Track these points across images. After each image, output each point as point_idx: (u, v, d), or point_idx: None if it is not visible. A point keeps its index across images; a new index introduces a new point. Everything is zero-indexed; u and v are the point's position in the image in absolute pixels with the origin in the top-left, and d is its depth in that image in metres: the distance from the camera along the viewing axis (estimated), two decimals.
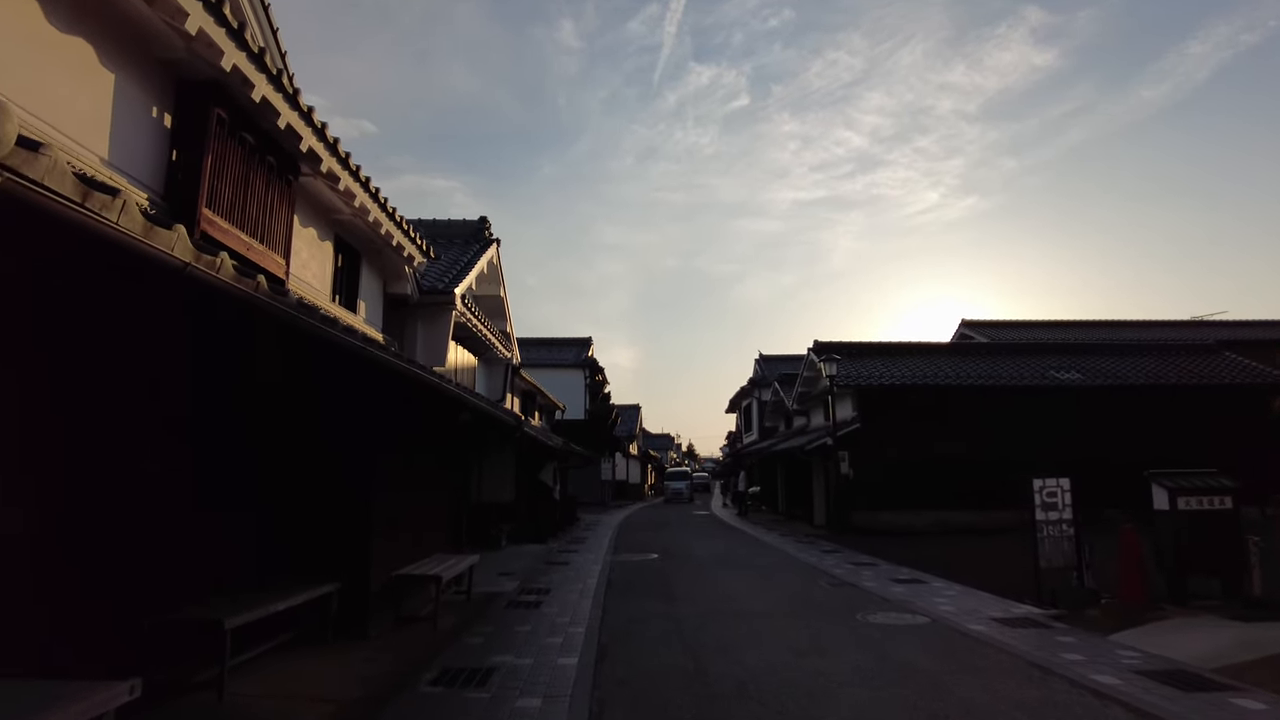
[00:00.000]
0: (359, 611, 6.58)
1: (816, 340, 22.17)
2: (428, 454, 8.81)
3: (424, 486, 8.59)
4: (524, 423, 10.80)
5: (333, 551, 6.56)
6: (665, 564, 12.62)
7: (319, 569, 6.42)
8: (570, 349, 38.32)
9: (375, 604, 6.77)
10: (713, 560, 13.14)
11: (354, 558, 6.62)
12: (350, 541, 6.62)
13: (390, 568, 7.16)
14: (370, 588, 6.66)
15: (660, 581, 10.49)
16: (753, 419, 38.63)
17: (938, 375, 19.99)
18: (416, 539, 8.18)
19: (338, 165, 6.87)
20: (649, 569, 11.94)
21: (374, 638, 6.60)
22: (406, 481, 7.82)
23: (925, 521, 18.79)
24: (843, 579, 10.63)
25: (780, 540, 17.18)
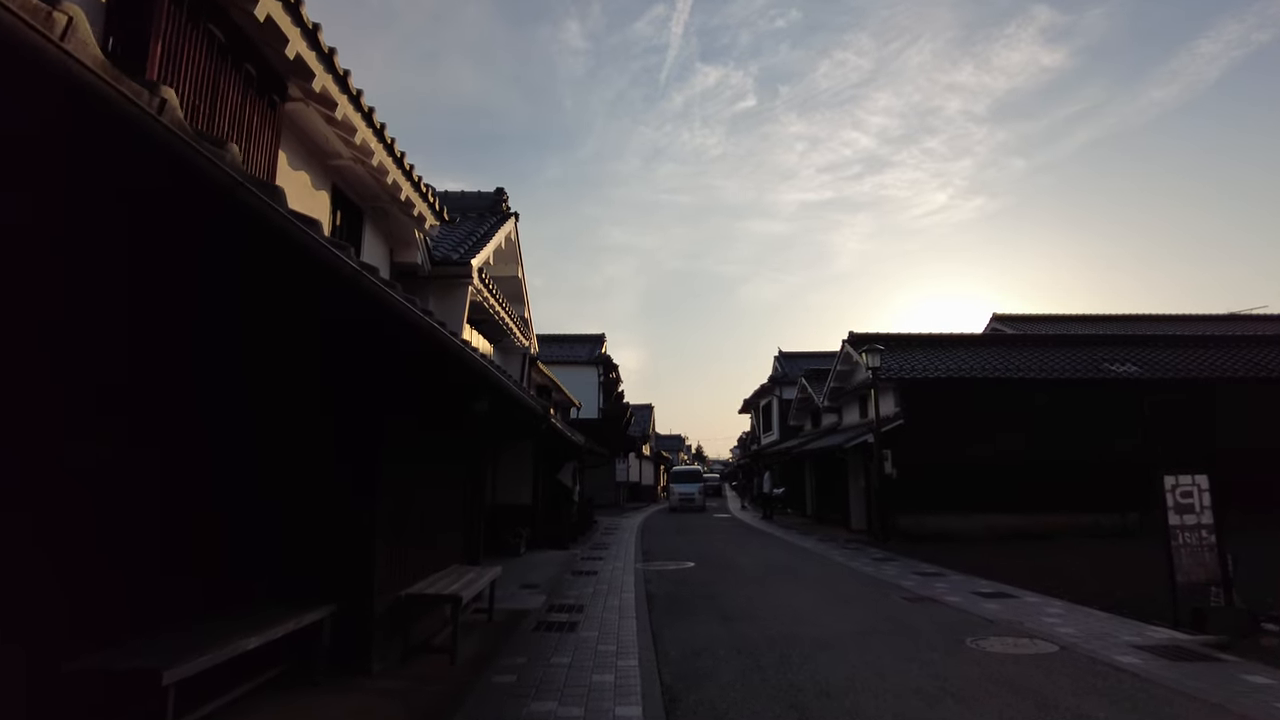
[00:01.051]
0: (360, 642, 5.22)
1: (852, 332, 20.75)
2: (441, 446, 7.46)
3: (437, 485, 7.24)
4: (550, 413, 9.48)
5: (325, 565, 5.21)
6: (705, 574, 11.22)
7: (308, 588, 5.08)
8: (583, 345, 36.98)
9: (380, 631, 5.41)
10: (758, 569, 11.73)
11: (353, 573, 5.27)
12: (348, 553, 5.27)
13: (398, 585, 5.80)
14: (374, 611, 5.30)
15: (706, 596, 9.10)
16: (772, 418, 37.18)
17: (984, 368, 18.54)
18: (428, 548, 6.82)
19: (333, 83, 5.52)
20: (690, 580, 10.55)
21: (378, 674, 5.23)
22: (417, 478, 6.47)
23: (973, 526, 17.36)
24: (916, 592, 9.22)
25: (821, 546, 15.75)
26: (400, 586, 5.85)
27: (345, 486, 5.25)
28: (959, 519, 17.42)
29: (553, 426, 10.26)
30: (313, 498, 5.23)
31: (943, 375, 18.14)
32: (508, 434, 11.89)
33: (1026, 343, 20.16)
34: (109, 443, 3.84)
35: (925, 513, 17.30)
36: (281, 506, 5.19)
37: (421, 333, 4.01)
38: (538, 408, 8.42)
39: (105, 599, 3.73)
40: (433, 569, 6.95)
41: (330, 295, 3.44)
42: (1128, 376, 18.50)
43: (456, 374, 5.59)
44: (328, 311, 4.03)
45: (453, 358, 4.81)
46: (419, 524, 6.52)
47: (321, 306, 3.87)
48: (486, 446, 10.12)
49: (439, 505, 7.38)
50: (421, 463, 6.68)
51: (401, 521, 5.98)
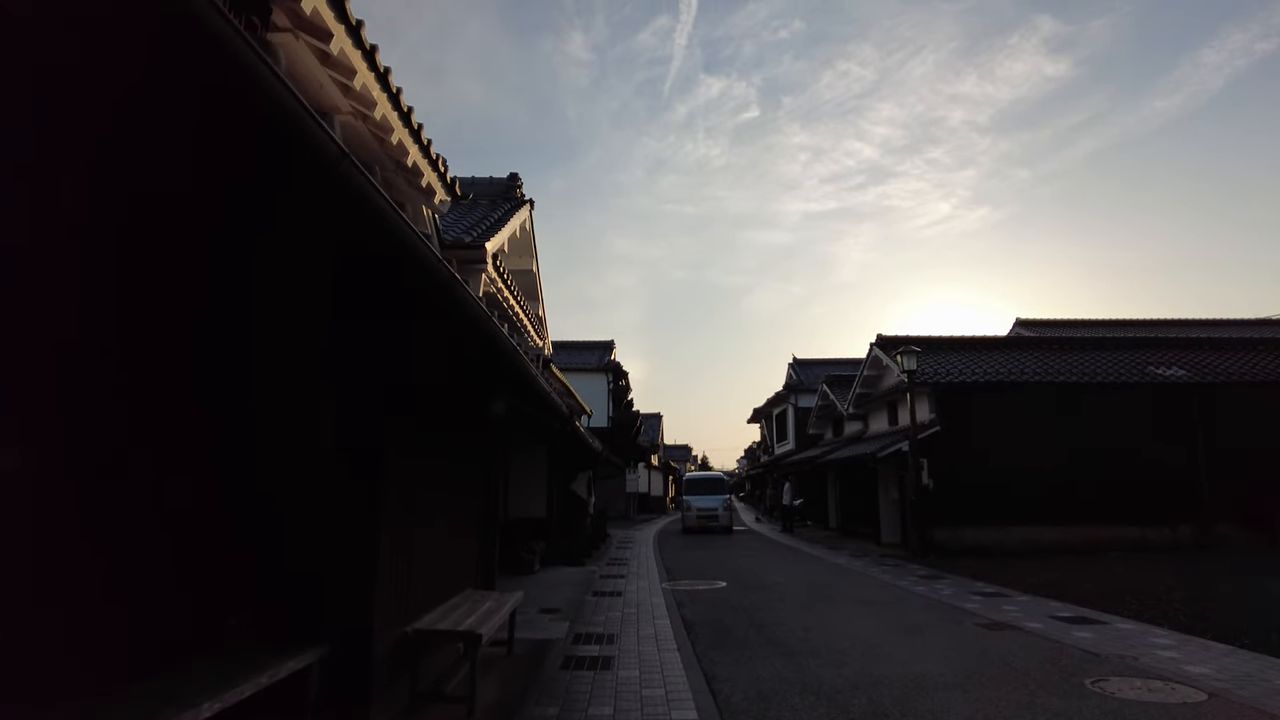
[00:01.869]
0: (356, 692, 4.17)
1: (881, 334, 19.72)
2: (454, 450, 6.44)
3: (449, 495, 6.21)
4: (575, 415, 8.46)
5: (315, 595, 4.17)
6: (742, 595, 10.13)
7: (294, 624, 4.04)
8: (592, 352, 35.95)
9: (381, 677, 4.36)
10: (799, 590, 10.64)
11: (350, 604, 4.23)
12: (344, 578, 4.23)
13: (403, 617, 4.76)
14: (374, 653, 4.25)
15: (753, 623, 8.02)
16: (788, 427, 36.08)
17: (1022, 372, 17.48)
18: (438, 570, 5.78)
19: (326, 5, 4.53)
20: (727, 603, 9.46)
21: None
22: (427, 488, 5.44)
23: (1012, 540, 16.25)
24: (988, 617, 8.13)
25: (858, 563, 14.63)
26: (406, 619, 4.81)
27: (342, 497, 4.22)
28: (998, 532, 16.32)
29: (576, 431, 9.23)
30: (304, 512, 4.20)
31: (980, 379, 17.07)
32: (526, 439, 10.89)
33: (1066, 346, 19.09)
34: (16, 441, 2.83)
35: (962, 525, 16.20)
36: (262, 520, 4.16)
37: (439, 281, 3.00)
38: (563, 408, 7.41)
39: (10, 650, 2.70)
40: (443, 595, 5.91)
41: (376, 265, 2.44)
42: (1176, 380, 17.42)
43: (481, 355, 4.58)
44: (371, 299, 3.02)
45: (481, 331, 3.80)
46: (429, 542, 5.49)
47: (369, 292, 2.87)
48: (502, 453, 9.09)
49: (451, 520, 6.34)
50: (433, 470, 5.66)
51: (409, 540, 4.94)
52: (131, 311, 3.49)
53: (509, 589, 9.76)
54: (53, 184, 2.81)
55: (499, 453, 8.23)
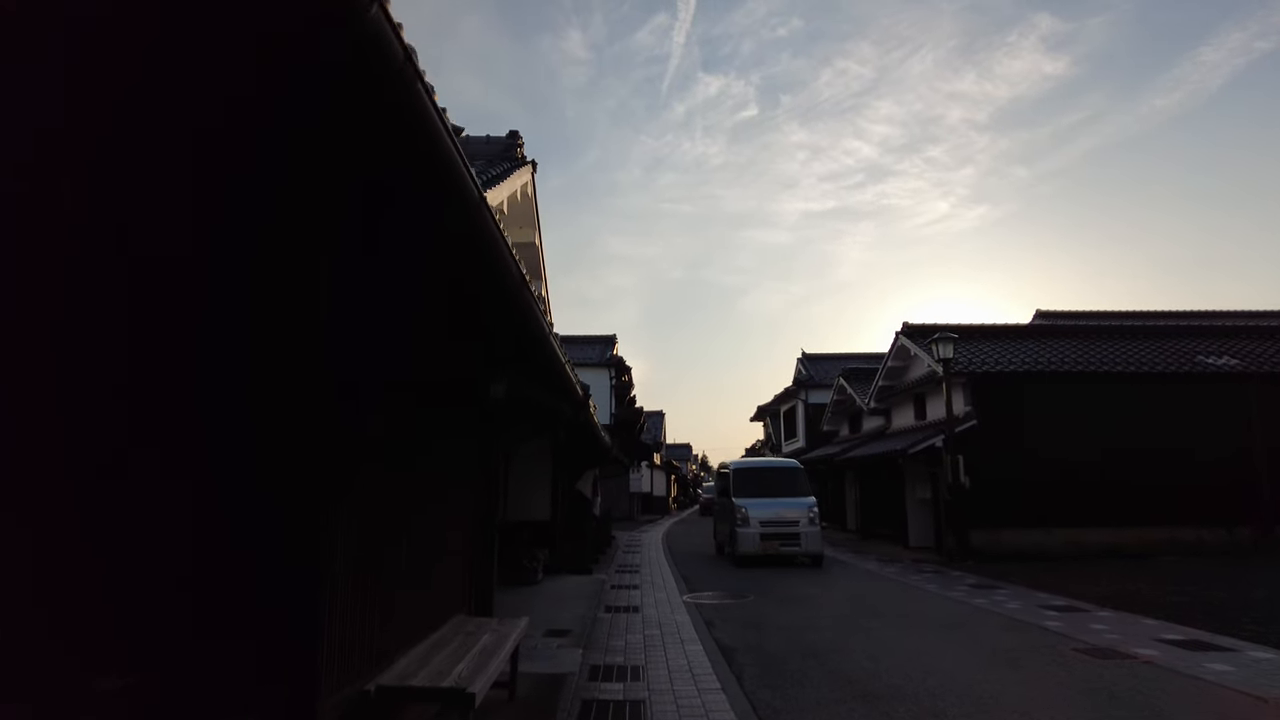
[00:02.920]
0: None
1: (907, 323, 18.39)
2: (443, 441, 5.10)
3: (434, 498, 4.87)
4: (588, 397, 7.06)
5: (235, 638, 2.81)
6: (779, 612, 8.78)
7: (204, 680, 2.69)
8: (594, 347, 34.56)
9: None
10: (841, 604, 9.28)
11: (284, 659, 2.87)
12: (276, 620, 2.87)
13: (367, 667, 3.40)
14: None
15: (805, 649, 6.67)
16: (797, 424, 34.73)
17: (1062, 361, 16.17)
18: (419, 597, 4.43)
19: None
20: (765, 623, 8.11)
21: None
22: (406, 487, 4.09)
23: (1056, 542, 14.95)
24: (1085, 641, 6.80)
25: (891, 569, 13.29)
26: (371, 668, 3.45)
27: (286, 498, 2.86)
28: (1039, 534, 15.01)
29: (589, 419, 7.86)
30: (218, 514, 2.85)
31: (1019, 369, 15.75)
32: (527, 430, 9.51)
33: (1106, 334, 17.76)
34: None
35: (1000, 527, 14.88)
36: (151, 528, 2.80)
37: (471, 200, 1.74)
38: (578, 387, 6.06)
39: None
40: (426, 627, 4.55)
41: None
42: (1228, 370, 16.11)
43: (491, 293, 3.29)
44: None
45: (495, 257, 2.49)
46: (407, 561, 4.14)
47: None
48: (501, 446, 7.71)
49: (438, 530, 4.99)
50: (413, 468, 4.31)
51: (375, 561, 3.58)
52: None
53: (509, 605, 8.39)
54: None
55: (499, 445, 6.87)
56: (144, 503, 2.79)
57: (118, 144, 2.62)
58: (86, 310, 2.82)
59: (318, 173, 2.78)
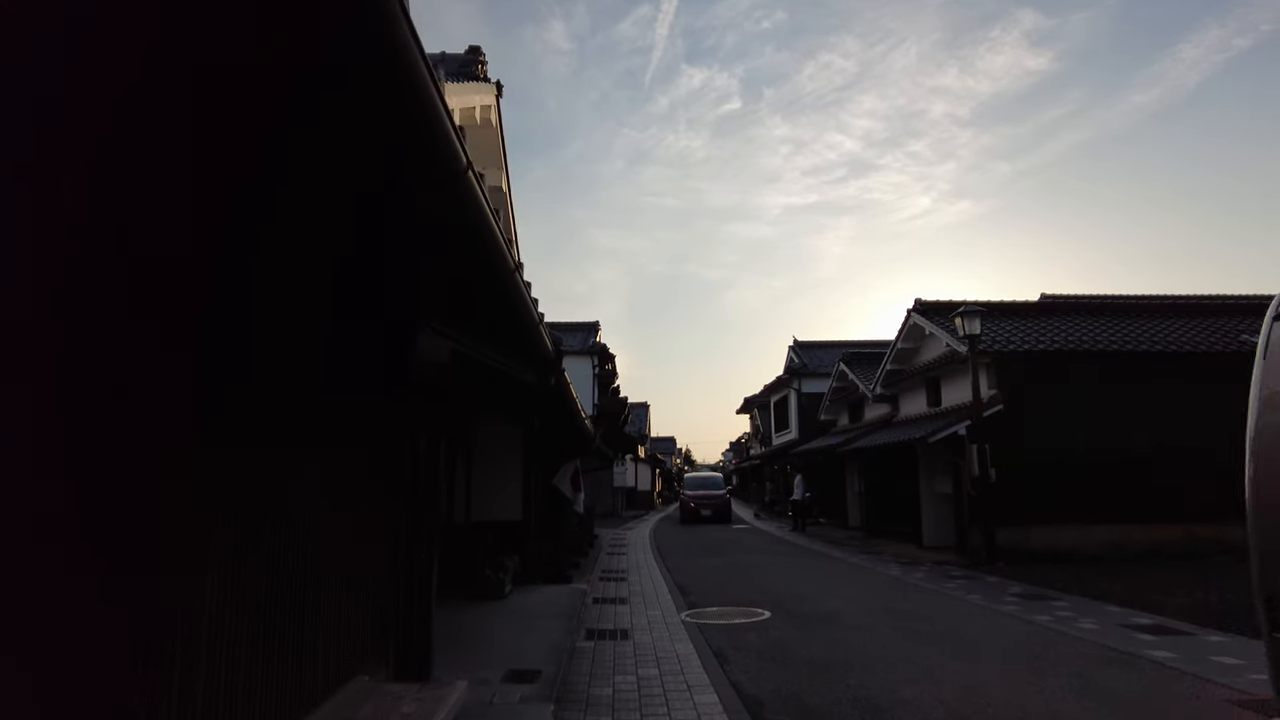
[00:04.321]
0: None
1: (919, 299, 16.71)
2: (333, 429, 3.26)
3: (320, 507, 3.03)
4: (561, 370, 5.22)
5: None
6: (806, 637, 7.01)
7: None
8: (575, 334, 32.62)
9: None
10: (878, 623, 7.53)
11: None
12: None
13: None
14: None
15: (863, 705, 4.91)
16: (789, 414, 33.11)
17: (1096, 340, 14.58)
18: (278, 654, 2.59)
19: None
20: (791, 654, 6.34)
21: None
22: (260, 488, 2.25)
23: (1094, 541, 13.37)
24: (1234, 686, 5.11)
25: (917, 574, 11.60)
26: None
27: None
28: (1076, 532, 13.42)
29: (565, 395, 5.94)
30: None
31: (1051, 348, 14.13)
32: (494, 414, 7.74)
33: (1144, 311, 16.19)
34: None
35: (1030, 524, 13.26)
36: None
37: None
38: (548, 347, 4.23)
39: None
40: (294, 703, 2.72)
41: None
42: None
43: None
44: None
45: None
46: (261, 590, 2.30)
47: None
48: (446, 430, 5.83)
49: (327, 543, 3.15)
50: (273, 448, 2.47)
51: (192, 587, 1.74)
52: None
53: (464, 629, 6.56)
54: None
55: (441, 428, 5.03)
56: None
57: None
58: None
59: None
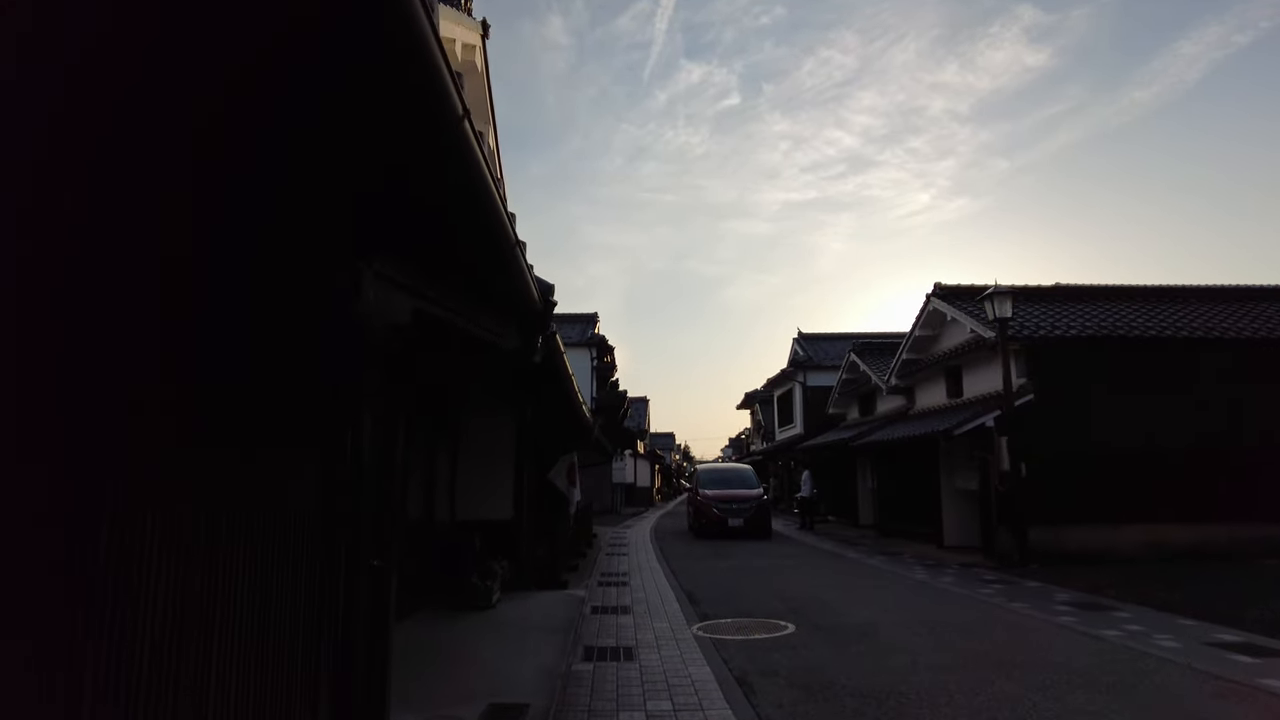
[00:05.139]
0: None
1: (939, 284, 15.70)
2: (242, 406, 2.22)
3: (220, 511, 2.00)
4: (553, 333, 4.24)
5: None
6: (842, 659, 6.01)
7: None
8: (574, 325, 31.61)
9: None
10: (918, 640, 6.53)
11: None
12: None
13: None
14: None
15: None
16: (793, 409, 32.11)
17: (1133, 325, 13.59)
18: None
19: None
20: (829, 682, 5.33)
21: None
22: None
23: (1130, 541, 12.40)
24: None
25: (945, 578, 10.60)
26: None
27: None
28: (1110, 531, 12.45)
29: (557, 365, 4.86)
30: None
31: (1083, 334, 13.14)
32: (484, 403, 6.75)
33: (1179, 296, 15.19)
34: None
35: (1062, 523, 12.28)
36: None
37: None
38: (534, 294, 3.20)
39: None
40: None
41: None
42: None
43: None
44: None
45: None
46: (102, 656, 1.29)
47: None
48: (406, 410, 4.76)
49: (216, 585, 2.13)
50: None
51: None
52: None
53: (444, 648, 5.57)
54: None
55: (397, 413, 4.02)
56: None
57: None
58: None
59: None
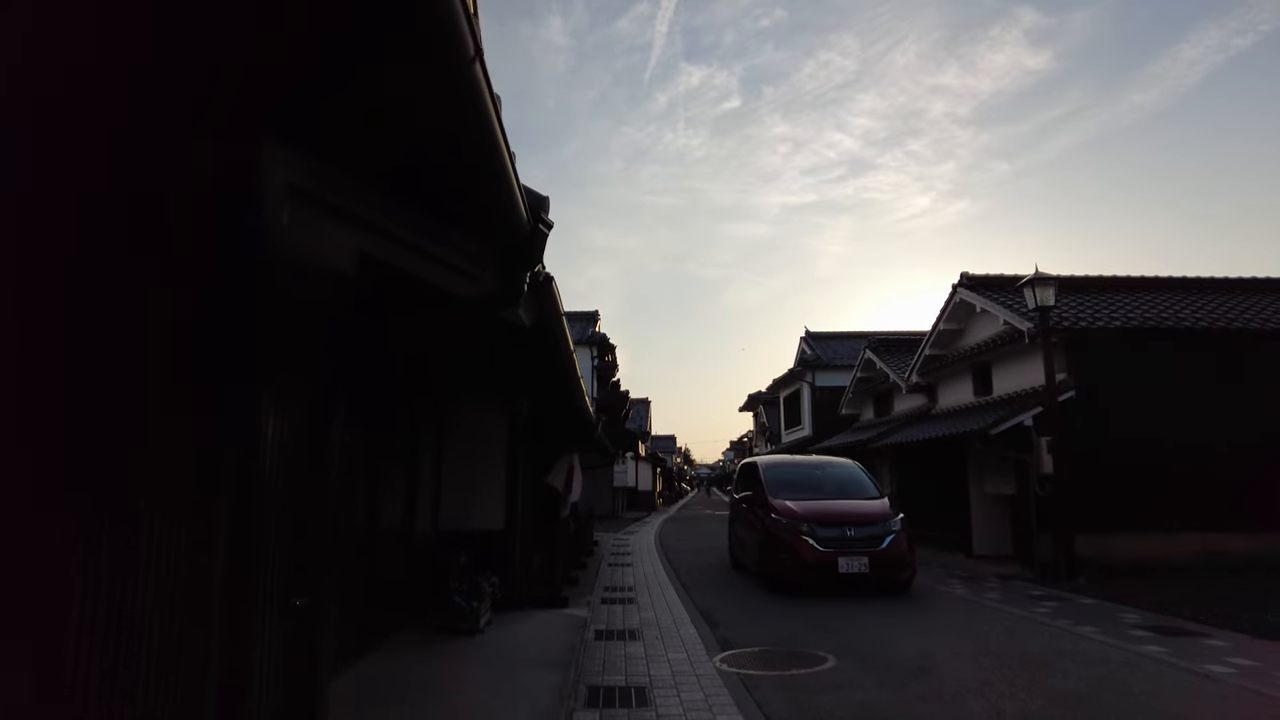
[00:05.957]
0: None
1: (965, 273, 14.64)
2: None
3: None
4: (551, 286, 3.22)
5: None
6: (898, 705, 4.91)
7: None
8: (574, 323, 30.46)
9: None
10: (985, 679, 5.42)
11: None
12: None
13: None
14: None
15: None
16: (801, 409, 31.03)
17: (1179, 316, 12.53)
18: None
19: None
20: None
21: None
22: None
23: (1183, 550, 11.31)
24: None
25: (990, 595, 9.49)
26: None
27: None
28: (1162, 539, 11.35)
29: (554, 333, 3.69)
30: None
31: (1127, 325, 12.07)
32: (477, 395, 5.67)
33: (1231, 287, 14.13)
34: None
35: (1110, 531, 11.19)
36: None
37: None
38: (521, 207, 2.14)
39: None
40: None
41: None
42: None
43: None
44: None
45: None
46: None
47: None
48: (343, 389, 3.60)
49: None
50: None
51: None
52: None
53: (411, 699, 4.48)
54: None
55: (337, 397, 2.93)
56: None
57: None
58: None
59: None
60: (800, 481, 11.03)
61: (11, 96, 1.81)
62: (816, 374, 29.45)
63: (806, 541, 9.23)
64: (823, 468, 12.07)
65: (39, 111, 1.89)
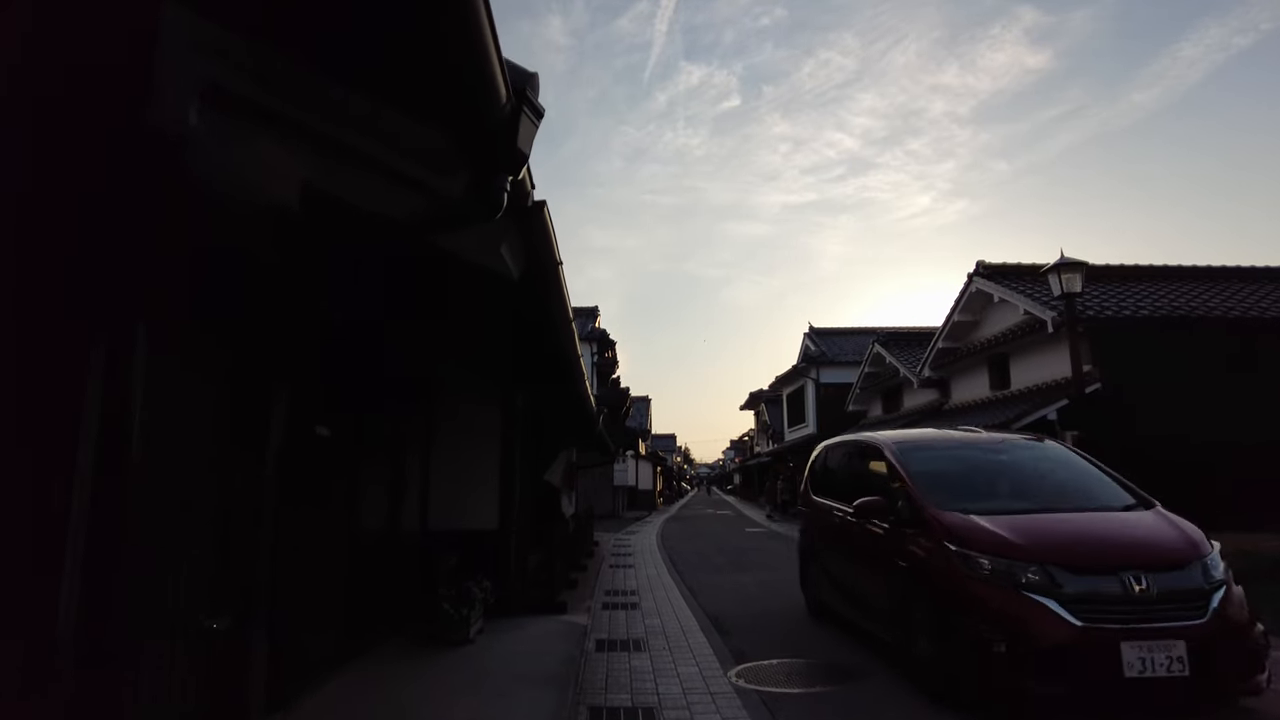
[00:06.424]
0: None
1: (981, 262, 14.05)
2: None
3: None
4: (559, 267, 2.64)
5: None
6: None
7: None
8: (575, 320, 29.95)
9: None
10: None
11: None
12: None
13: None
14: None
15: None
16: (805, 407, 30.48)
17: (1209, 305, 11.95)
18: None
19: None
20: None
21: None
22: None
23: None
24: None
25: None
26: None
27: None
28: None
29: (547, 279, 3.09)
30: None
31: (1156, 314, 11.49)
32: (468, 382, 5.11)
33: (1258, 276, 13.54)
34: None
35: None
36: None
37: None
38: (499, 78, 1.57)
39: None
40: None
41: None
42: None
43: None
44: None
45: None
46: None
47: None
48: (276, 366, 3.03)
49: None
50: None
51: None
52: None
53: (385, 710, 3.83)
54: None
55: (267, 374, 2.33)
56: None
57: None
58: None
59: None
60: (974, 478, 5.79)
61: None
62: (821, 370, 28.92)
63: (1041, 606, 4.22)
64: (1008, 450, 6.35)
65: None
